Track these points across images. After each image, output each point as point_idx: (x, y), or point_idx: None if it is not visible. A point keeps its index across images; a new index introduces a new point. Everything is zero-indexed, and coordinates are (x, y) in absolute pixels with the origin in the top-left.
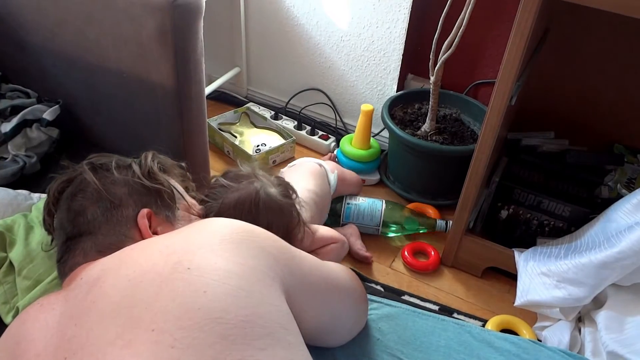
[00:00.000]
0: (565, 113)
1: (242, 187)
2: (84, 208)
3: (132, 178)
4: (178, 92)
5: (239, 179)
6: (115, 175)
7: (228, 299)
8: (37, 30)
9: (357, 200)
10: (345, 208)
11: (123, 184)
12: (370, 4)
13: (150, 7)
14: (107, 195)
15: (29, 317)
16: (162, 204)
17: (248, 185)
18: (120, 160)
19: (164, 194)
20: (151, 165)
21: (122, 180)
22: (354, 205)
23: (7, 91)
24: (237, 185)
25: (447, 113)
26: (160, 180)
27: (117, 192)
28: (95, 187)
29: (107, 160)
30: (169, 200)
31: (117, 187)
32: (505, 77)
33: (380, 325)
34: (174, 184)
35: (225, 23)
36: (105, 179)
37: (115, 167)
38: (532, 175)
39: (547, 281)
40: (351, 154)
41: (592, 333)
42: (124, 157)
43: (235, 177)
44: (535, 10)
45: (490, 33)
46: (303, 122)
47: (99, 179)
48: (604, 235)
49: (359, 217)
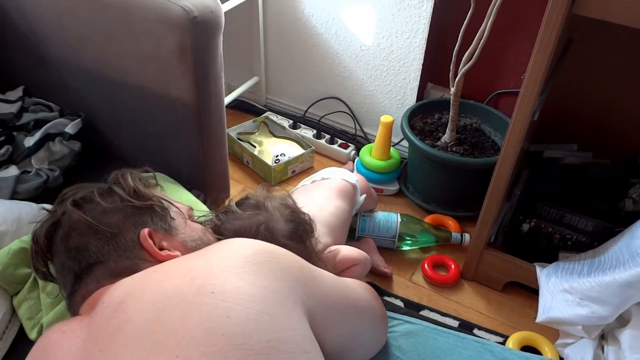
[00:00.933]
0: (588, 124)
1: (245, 217)
2: (84, 244)
3: (121, 203)
4: (198, 106)
5: (247, 208)
6: (103, 204)
7: (251, 324)
8: (59, 45)
9: (372, 213)
10: (360, 221)
11: (115, 211)
12: (389, 14)
13: (170, 24)
14: (103, 227)
15: (51, 344)
16: (157, 218)
17: (252, 216)
18: (100, 188)
19: (156, 207)
20: (135, 185)
21: (112, 208)
22: (369, 218)
23: (30, 105)
24: (242, 214)
25: (468, 123)
26: (148, 196)
27: (112, 220)
28: (86, 222)
29: (86, 192)
30: (162, 212)
31: (110, 216)
32: (528, 92)
33: (400, 343)
34: (160, 195)
35: (244, 32)
36: (94, 211)
37: (100, 197)
38: (554, 188)
39: (570, 298)
40: (371, 165)
41: (615, 352)
42: (100, 184)
43: (246, 205)
44: (558, 26)
45: (512, 42)
46: (322, 130)
47: (87, 214)
48: (629, 253)
49: (374, 229)
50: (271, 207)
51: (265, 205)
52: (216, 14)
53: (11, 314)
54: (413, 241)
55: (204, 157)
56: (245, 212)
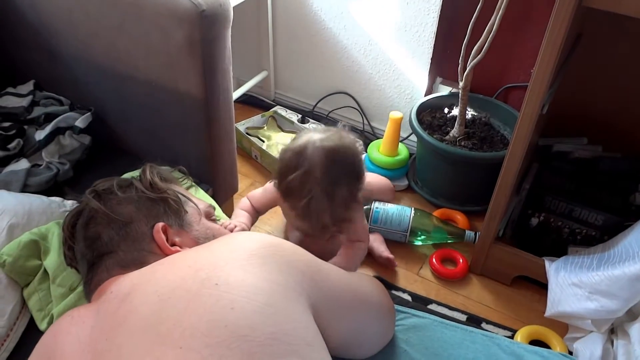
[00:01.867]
0: (598, 118)
1: (293, 143)
2: (98, 233)
3: (136, 194)
4: (206, 100)
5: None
6: (119, 195)
7: (255, 316)
8: (70, 40)
9: (386, 205)
10: (373, 212)
11: (129, 202)
12: (397, 8)
13: (179, 18)
14: (116, 216)
15: (60, 330)
16: (170, 211)
17: (299, 138)
18: (121, 181)
19: (170, 201)
20: (151, 177)
21: (127, 198)
22: (382, 210)
23: (41, 98)
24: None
25: (477, 117)
26: (163, 189)
27: (125, 210)
28: (102, 212)
29: (109, 184)
30: (176, 205)
31: (124, 206)
32: (537, 86)
33: (408, 337)
34: (177, 189)
35: (253, 27)
36: (111, 201)
37: (118, 188)
38: (563, 182)
39: (579, 292)
40: (379, 161)
41: (624, 346)
42: (125, 177)
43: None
44: (568, 20)
45: (521, 36)
46: (330, 125)
47: (104, 204)
48: (638, 246)
49: (386, 221)
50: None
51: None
52: (225, 8)
53: (22, 306)
54: (427, 237)
55: (212, 152)
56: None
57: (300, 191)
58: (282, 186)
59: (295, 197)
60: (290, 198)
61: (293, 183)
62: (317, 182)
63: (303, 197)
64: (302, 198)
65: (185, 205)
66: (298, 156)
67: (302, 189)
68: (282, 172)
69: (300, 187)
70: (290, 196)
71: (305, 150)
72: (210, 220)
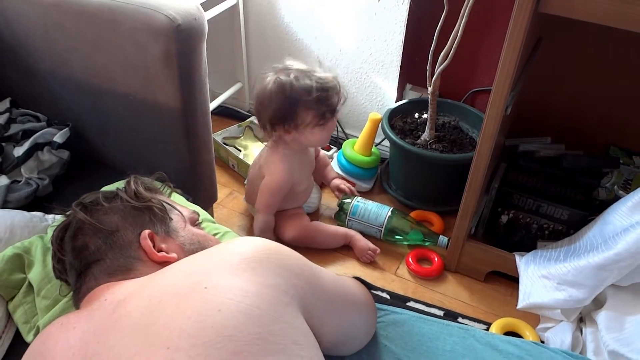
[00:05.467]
0: (560, 118)
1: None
2: (86, 243)
3: (121, 204)
4: (184, 112)
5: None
6: (105, 206)
7: (241, 317)
8: (47, 57)
9: (366, 202)
10: (353, 205)
11: (115, 211)
12: (367, 19)
13: (155, 32)
14: (102, 226)
15: (50, 336)
16: (155, 219)
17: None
18: (107, 192)
19: (155, 209)
20: (135, 187)
21: (112, 208)
22: (362, 204)
23: (17, 116)
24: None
25: (446, 121)
26: (148, 197)
27: (111, 220)
28: (89, 222)
29: (95, 197)
30: (161, 213)
31: (110, 216)
32: (499, 88)
33: (387, 332)
34: (162, 198)
35: (226, 40)
36: (97, 212)
37: (104, 199)
38: (530, 180)
39: (548, 284)
40: (352, 159)
41: (593, 333)
42: (110, 189)
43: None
44: (526, 25)
45: (485, 41)
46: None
47: (91, 215)
48: (602, 238)
49: (364, 215)
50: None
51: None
52: (199, 21)
53: (7, 319)
54: (403, 237)
55: (191, 162)
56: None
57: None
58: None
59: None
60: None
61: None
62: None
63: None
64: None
65: (170, 213)
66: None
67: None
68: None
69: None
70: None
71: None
72: (195, 226)
